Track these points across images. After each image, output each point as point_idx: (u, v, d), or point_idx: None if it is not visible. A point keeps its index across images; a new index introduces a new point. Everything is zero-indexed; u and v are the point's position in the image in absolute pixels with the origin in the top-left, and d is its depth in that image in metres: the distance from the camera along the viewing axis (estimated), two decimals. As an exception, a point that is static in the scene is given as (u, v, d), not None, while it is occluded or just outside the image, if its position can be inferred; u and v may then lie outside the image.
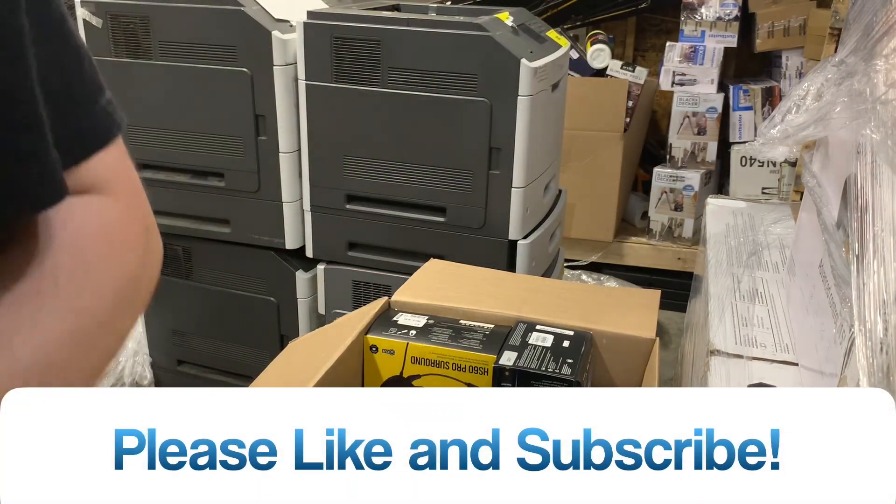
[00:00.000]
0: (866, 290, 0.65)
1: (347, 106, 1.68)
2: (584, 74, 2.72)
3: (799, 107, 0.89)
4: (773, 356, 1.01)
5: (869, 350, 0.62)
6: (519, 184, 1.64)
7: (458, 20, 1.60)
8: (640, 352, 1.17)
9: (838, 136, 0.90)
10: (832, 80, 0.85)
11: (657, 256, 2.79)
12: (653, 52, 3.13)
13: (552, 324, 1.18)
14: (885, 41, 0.79)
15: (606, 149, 2.66)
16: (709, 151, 2.70)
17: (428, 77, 1.61)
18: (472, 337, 1.15)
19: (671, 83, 2.63)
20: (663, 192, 2.75)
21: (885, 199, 0.69)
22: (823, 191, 0.96)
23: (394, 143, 1.68)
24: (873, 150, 0.72)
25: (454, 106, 1.61)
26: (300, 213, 1.82)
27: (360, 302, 1.81)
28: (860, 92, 0.77)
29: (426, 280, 1.34)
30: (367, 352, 1.16)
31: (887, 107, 0.71)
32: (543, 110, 1.68)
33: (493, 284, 1.35)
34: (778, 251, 1.37)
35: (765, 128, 0.95)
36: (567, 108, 1.97)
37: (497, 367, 1.08)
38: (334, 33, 1.64)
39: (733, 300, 1.17)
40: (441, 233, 1.71)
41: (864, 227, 0.71)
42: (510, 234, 1.68)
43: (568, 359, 1.08)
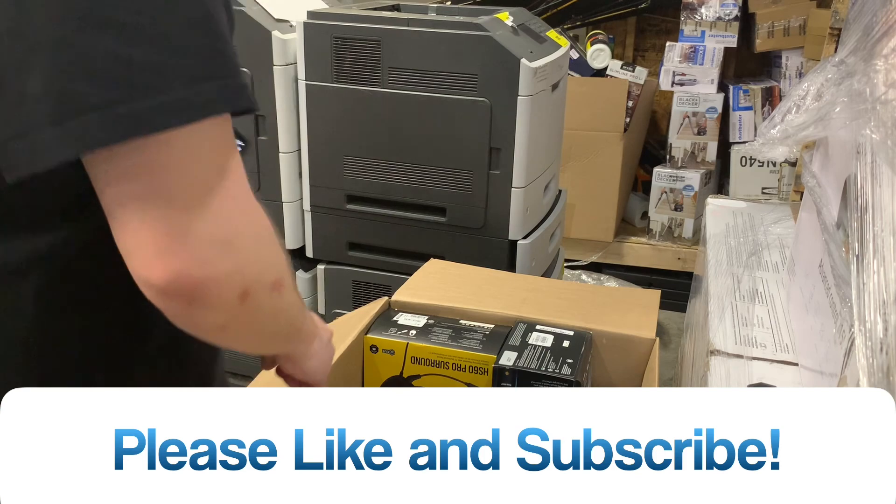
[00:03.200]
0: (866, 290, 0.65)
1: (347, 106, 1.68)
2: (584, 74, 2.72)
3: (799, 107, 0.89)
4: (773, 356, 1.01)
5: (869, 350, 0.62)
6: (519, 184, 1.64)
7: (458, 20, 1.60)
8: (640, 352, 1.17)
9: (838, 136, 0.90)
10: (832, 80, 0.85)
11: (657, 256, 2.79)
12: (653, 52, 3.13)
13: (552, 324, 1.18)
14: (885, 41, 0.79)
15: (606, 149, 2.66)
16: (709, 151, 2.70)
17: (428, 77, 1.61)
18: (472, 337, 1.15)
19: (671, 83, 2.63)
20: (663, 192, 2.75)
21: (885, 199, 0.69)
22: (823, 191, 0.96)
23: (394, 143, 1.68)
24: (873, 150, 0.72)
25: (454, 106, 1.60)
26: (300, 213, 1.82)
27: (360, 302, 1.81)
28: (860, 92, 0.77)
29: (426, 280, 1.34)
30: (367, 352, 1.16)
31: (887, 107, 0.71)
32: (543, 110, 1.68)
33: (493, 284, 1.35)
34: (778, 251, 1.37)
35: (765, 128, 0.95)
36: (567, 108, 1.97)
37: (497, 367, 1.08)
38: (334, 33, 1.64)
39: (733, 300, 1.17)
40: (441, 233, 1.71)
41: (864, 227, 0.71)
42: (510, 234, 1.68)
43: (568, 359, 1.08)
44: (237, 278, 0.56)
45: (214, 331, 0.60)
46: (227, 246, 0.55)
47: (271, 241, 0.60)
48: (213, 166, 0.54)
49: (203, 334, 0.60)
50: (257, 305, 0.59)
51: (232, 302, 0.57)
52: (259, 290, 0.58)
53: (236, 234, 0.56)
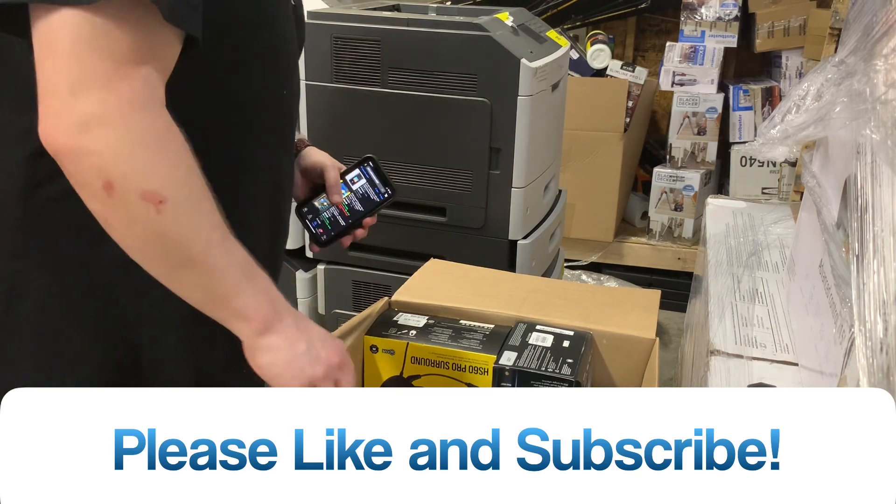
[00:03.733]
0: (866, 290, 0.65)
1: (347, 106, 1.68)
2: (584, 74, 2.72)
3: (799, 107, 0.89)
4: (773, 356, 1.01)
5: (869, 350, 0.62)
6: (519, 184, 1.64)
7: (458, 20, 1.60)
8: (640, 352, 1.17)
9: (838, 136, 0.90)
10: (832, 80, 0.85)
11: (657, 256, 2.79)
12: (653, 52, 3.13)
13: (552, 324, 1.18)
14: (884, 41, 0.79)
15: (606, 149, 2.66)
16: (709, 151, 2.70)
17: (428, 77, 1.61)
18: (472, 337, 1.15)
19: (671, 83, 2.63)
20: (663, 192, 2.75)
21: (885, 199, 0.69)
22: (823, 191, 0.96)
23: (394, 143, 1.68)
24: (873, 150, 0.72)
25: (454, 106, 1.60)
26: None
27: (359, 302, 1.81)
28: (860, 92, 0.77)
29: (426, 280, 1.34)
30: (367, 352, 1.16)
31: (887, 107, 0.71)
32: (543, 110, 1.68)
33: (493, 284, 1.35)
34: (778, 251, 1.37)
35: (765, 128, 0.95)
36: (567, 108, 1.97)
37: (497, 367, 1.08)
38: (334, 33, 1.63)
39: (733, 300, 1.17)
40: (441, 233, 1.71)
41: (864, 227, 0.71)
42: (510, 234, 1.68)
43: (568, 359, 1.08)
44: (94, 161, 0.60)
45: (100, 221, 0.64)
46: (87, 127, 0.60)
47: (159, 152, 0.63)
48: (109, 54, 0.60)
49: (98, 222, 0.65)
50: (127, 207, 0.62)
51: (95, 186, 0.61)
52: (125, 190, 0.62)
53: (104, 121, 0.60)
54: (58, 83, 0.59)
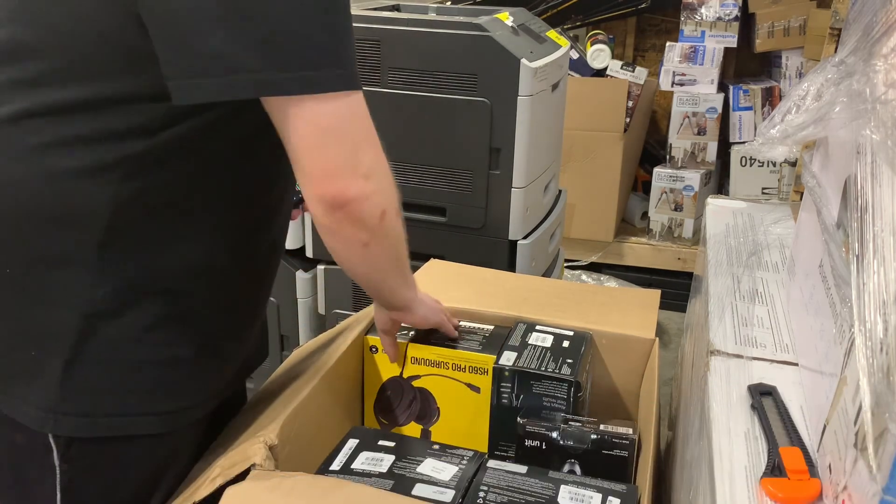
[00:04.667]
0: (866, 290, 0.65)
1: (347, 106, 1.67)
2: (584, 74, 2.72)
3: (799, 107, 0.89)
4: (773, 356, 1.01)
5: (869, 350, 0.62)
6: (519, 184, 1.64)
7: (457, 20, 1.60)
8: (640, 352, 1.17)
9: (838, 136, 0.90)
10: (832, 80, 0.85)
11: (657, 256, 2.80)
12: (653, 52, 3.13)
13: (552, 324, 1.18)
14: (884, 41, 0.79)
15: (606, 149, 2.66)
16: (709, 151, 2.70)
17: (428, 77, 1.61)
18: (472, 337, 1.15)
19: (671, 83, 2.63)
20: (663, 192, 2.75)
21: (885, 199, 0.68)
22: (823, 191, 0.96)
23: (394, 143, 1.67)
24: (873, 150, 0.72)
25: (454, 106, 1.60)
26: (300, 213, 1.82)
27: (360, 302, 1.81)
28: (860, 92, 0.77)
29: (426, 280, 1.34)
30: (367, 352, 1.16)
31: (887, 107, 0.71)
32: (543, 110, 1.68)
33: (493, 284, 1.35)
34: (778, 251, 1.37)
35: (764, 128, 0.94)
36: (567, 108, 1.97)
37: (497, 367, 1.08)
38: (334, 33, 1.63)
39: (733, 300, 1.16)
40: (441, 233, 1.71)
41: (864, 227, 0.71)
42: (510, 234, 1.68)
43: (568, 359, 1.08)
44: (378, 199, 0.81)
45: (359, 247, 0.84)
46: (369, 176, 0.79)
47: (392, 177, 0.85)
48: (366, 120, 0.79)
49: (350, 251, 0.85)
50: (391, 224, 0.84)
51: (375, 219, 0.81)
52: (391, 212, 0.84)
53: (378, 169, 0.81)
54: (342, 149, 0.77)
